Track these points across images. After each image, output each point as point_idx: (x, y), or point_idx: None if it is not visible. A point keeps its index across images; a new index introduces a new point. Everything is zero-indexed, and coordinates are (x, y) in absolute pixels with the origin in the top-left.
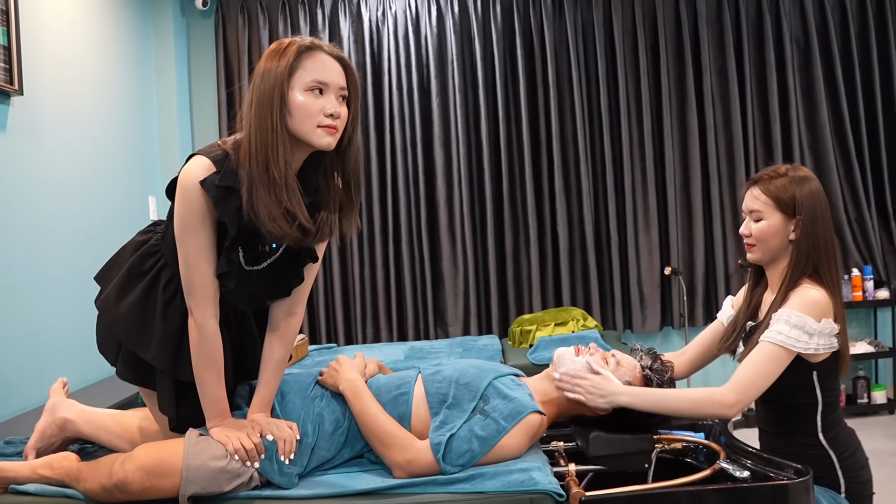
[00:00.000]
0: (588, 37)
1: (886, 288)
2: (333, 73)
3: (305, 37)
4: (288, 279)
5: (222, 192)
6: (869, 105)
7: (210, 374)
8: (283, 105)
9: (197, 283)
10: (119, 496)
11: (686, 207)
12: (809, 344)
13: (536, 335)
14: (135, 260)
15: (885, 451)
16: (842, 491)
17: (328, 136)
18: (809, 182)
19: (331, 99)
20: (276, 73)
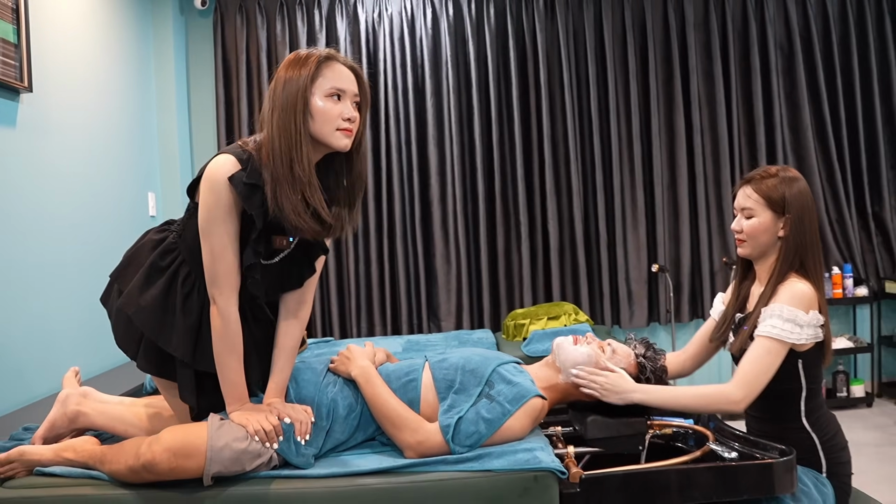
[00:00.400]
0: (579, 40)
1: (865, 285)
2: (349, 81)
3: (322, 48)
4: (301, 271)
5: (249, 189)
6: (849, 109)
7: (231, 359)
8: (306, 109)
9: (221, 273)
10: (146, 476)
11: (673, 206)
12: (801, 335)
13: (530, 328)
14: (155, 257)
15: (864, 441)
16: (823, 471)
17: (345, 138)
18: (798, 182)
19: (347, 105)
20: (298, 80)
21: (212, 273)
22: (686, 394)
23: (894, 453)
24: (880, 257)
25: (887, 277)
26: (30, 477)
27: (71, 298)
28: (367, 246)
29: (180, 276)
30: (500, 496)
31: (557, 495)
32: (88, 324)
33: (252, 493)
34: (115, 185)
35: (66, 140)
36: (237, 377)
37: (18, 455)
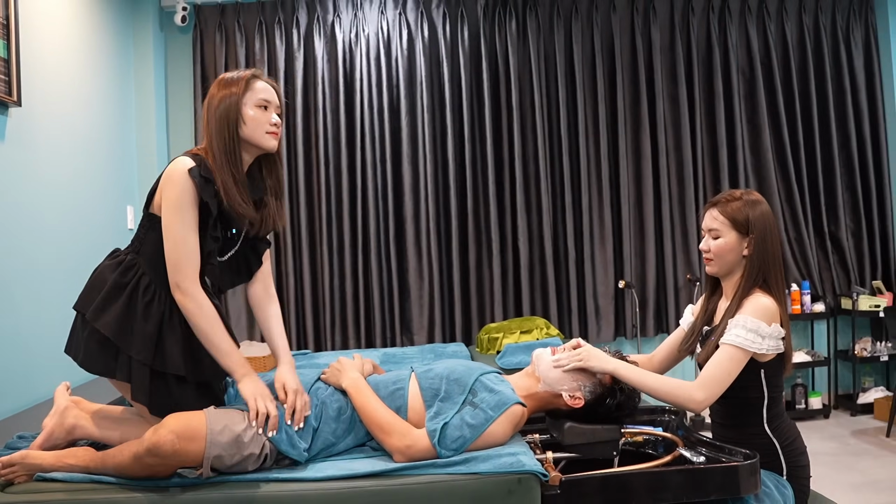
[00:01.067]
0: (550, 63)
1: (822, 302)
2: (273, 95)
3: (246, 70)
4: (249, 265)
5: (204, 180)
6: (807, 133)
7: (216, 331)
8: (239, 118)
9: (184, 256)
10: (149, 461)
11: (639, 225)
12: (762, 345)
13: (503, 342)
14: (117, 275)
15: (822, 451)
16: (783, 474)
17: (273, 139)
18: (760, 205)
19: (272, 113)
20: (231, 94)
21: (175, 260)
22: (655, 379)
23: (850, 462)
24: (836, 275)
25: (843, 294)
26: (31, 483)
27: (54, 308)
28: (342, 261)
29: (141, 287)
30: (486, 497)
31: (539, 496)
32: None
33: (248, 495)
34: (95, 198)
35: (50, 153)
36: (230, 345)
37: (21, 458)
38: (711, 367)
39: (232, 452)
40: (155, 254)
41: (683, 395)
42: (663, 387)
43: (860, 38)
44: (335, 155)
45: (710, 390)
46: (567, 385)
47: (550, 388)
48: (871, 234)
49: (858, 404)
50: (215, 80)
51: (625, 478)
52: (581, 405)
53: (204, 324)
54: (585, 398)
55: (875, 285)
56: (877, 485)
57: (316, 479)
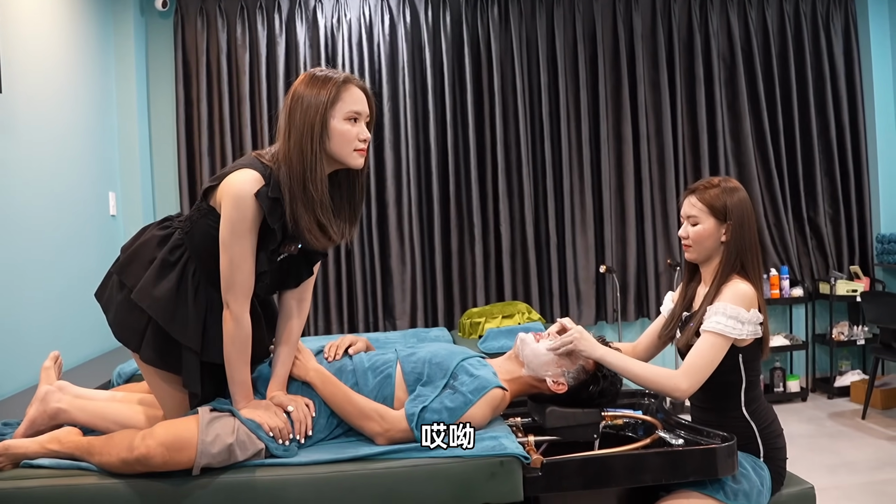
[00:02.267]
0: (532, 48)
1: (800, 287)
2: (364, 103)
3: (339, 71)
4: (299, 272)
5: (272, 203)
6: (787, 119)
7: (241, 360)
8: (324, 131)
9: (239, 281)
10: (138, 469)
11: (620, 210)
12: (742, 331)
13: (485, 327)
14: (165, 252)
15: (799, 433)
16: (761, 456)
17: (361, 157)
18: (738, 192)
19: (362, 126)
20: (317, 102)
21: (229, 281)
22: (641, 366)
23: (826, 443)
24: (815, 260)
25: (821, 279)
26: (18, 469)
27: (36, 296)
28: None
29: (189, 271)
30: (468, 480)
31: (521, 479)
32: (53, 320)
33: (237, 481)
34: (77, 185)
35: (31, 140)
36: (245, 377)
37: (3, 449)
38: (694, 356)
39: (221, 460)
40: (203, 244)
41: (669, 384)
42: (648, 375)
43: (840, 25)
44: None
45: (694, 378)
46: (551, 371)
47: (534, 372)
48: (849, 220)
49: (835, 387)
50: (303, 74)
51: (605, 460)
52: (564, 391)
53: (234, 350)
54: (569, 384)
55: (852, 270)
56: (852, 465)
57: (301, 464)
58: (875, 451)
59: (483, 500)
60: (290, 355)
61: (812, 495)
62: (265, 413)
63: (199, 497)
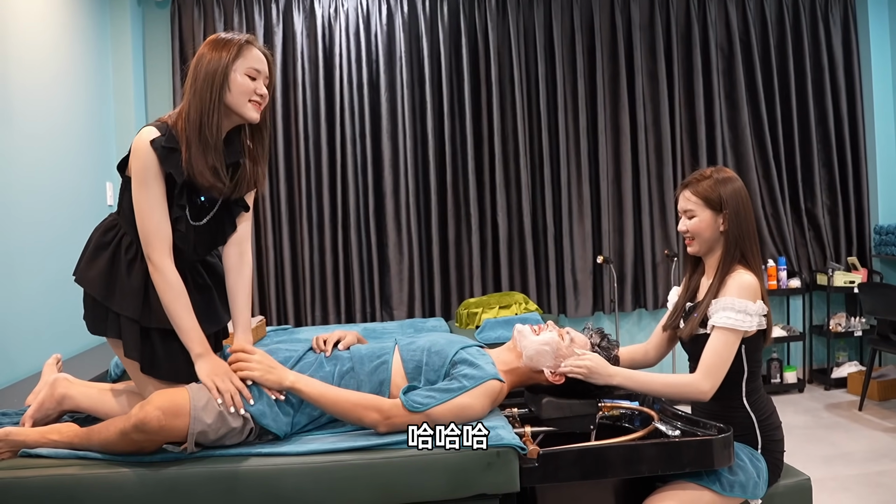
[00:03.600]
0: (529, 38)
1: (798, 278)
2: (264, 64)
3: (241, 33)
4: (224, 229)
5: (167, 151)
6: (785, 109)
7: (179, 306)
8: (225, 82)
9: (152, 230)
10: (136, 438)
11: (617, 200)
12: (751, 323)
13: (482, 317)
14: (99, 234)
15: (795, 424)
16: (758, 447)
17: (255, 111)
18: (732, 182)
19: (260, 83)
20: (221, 56)
21: (144, 232)
22: (661, 382)
23: (822, 435)
24: (812, 251)
25: (818, 270)
26: (16, 458)
27: (33, 286)
28: (322, 236)
29: (123, 246)
30: (465, 470)
31: (518, 469)
32: (50, 311)
33: (234, 470)
34: (74, 175)
35: (28, 130)
36: (191, 323)
37: (4, 435)
38: (710, 354)
39: (215, 427)
40: (131, 212)
41: (691, 390)
42: (669, 387)
43: (838, 15)
44: (314, 130)
45: (714, 377)
46: (549, 363)
47: (532, 364)
48: (847, 211)
49: (832, 378)
50: (208, 38)
51: (601, 451)
52: (562, 382)
53: (168, 298)
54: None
55: (850, 261)
56: (848, 457)
57: (298, 454)
58: (871, 443)
59: (479, 490)
60: (246, 303)
61: (808, 487)
62: (217, 377)
63: (197, 487)
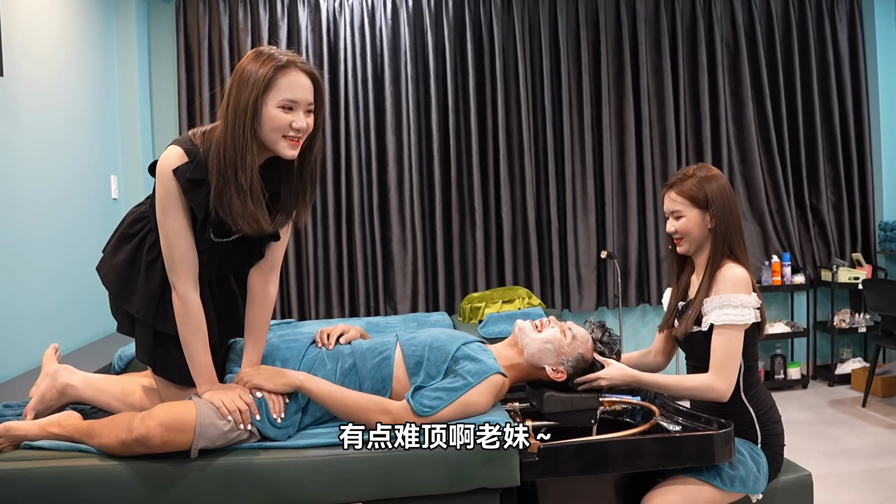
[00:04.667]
0: (534, 34)
1: (802, 273)
2: (304, 90)
3: (283, 51)
4: (251, 254)
5: (191, 183)
6: (790, 105)
7: (195, 340)
8: (255, 117)
9: (177, 259)
10: (137, 450)
11: (622, 196)
12: (750, 316)
13: (485, 312)
14: (126, 226)
15: (799, 420)
16: (758, 442)
17: (291, 149)
18: (717, 179)
19: (299, 115)
20: (252, 83)
21: (169, 260)
22: (675, 383)
23: (825, 431)
24: (817, 247)
25: (823, 266)
26: (18, 451)
27: (37, 278)
28: (326, 230)
29: (146, 244)
30: (465, 464)
31: (518, 464)
32: (55, 303)
33: (235, 464)
34: (79, 168)
35: (33, 123)
36: (204, 358)
37: (4, 431)
38: (718, 355)
39: (220, 443)
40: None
41: (709, 393)
42: (683, 387)
43: (844, 11)
44: None
45: (728, 376)
46: (551, 360)
47: (533, 361)
48: (852, 207)
49: (836, 375)
50: (251, 51)
51: (602, 445)
52: (563, 378)
53: (186, 330)
54: (567, 372)
55: (855, 258)
56: (850, 453)
57: (299, 447)
58: (875, 439)
59: (480, 484)
60: (260, 339)
61: (809, 482)
62: (224, 395)
63: (197, 480)
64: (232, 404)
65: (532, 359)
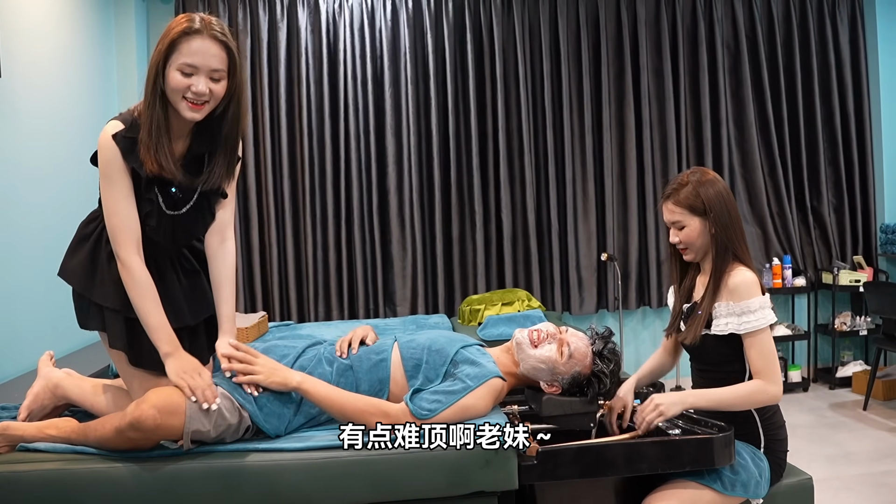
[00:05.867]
0: (534, 35)
1: (803, 276)
2: (206, 56)
3: (207, 17)
4: (204, 218)
5: (129, 143)
6: (791, 107)
7: (146, 303)
8: (157, 78)
9: (119, 226)
10: (132, 436)
11: (622, 198)
12: (770, 315)
13: (485, 314)
14: (80, 228)
15: (800, 423)
16: (761, 447)
17: (191, 111)
18: (713, 183)
19: (199, 79)
20: (160, 45)
21: (111, 228)
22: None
23: (826, 434)
24: (818, 250)
25: (824, 269)
26: (14, 453)
27: (34, 281)
28: (325, 232)
29: (104, 238)
30: (463, 467)
31: (516, 467)
32: (52, 306)
33: (233, 466)
34: (77, 170)
35: (32, 125)
36: (159, 320)
37: (2, 430)
38: (759, 360)
39: (211, 426)
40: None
41: (764, 395)
42: (740, 398)
43: (846, 12)
44: (318, 126)
45: (776, 378)
46: (546, 378)
47: (529, 376)
48: (853, 210)
49: (837, 378)
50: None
51: (600, 449)
52: (558, 392)
53: (135, 294)
54: (563, 387)
55: (856, 260)
56: (851, 457)
57: (295, 450)
58: (875, 443)
59: (478, 487)
60: (230, 293)
61: (810, 486)
62: (186, 374)
63: (195, 482)
64: (194, 381)
65: (527, 373)
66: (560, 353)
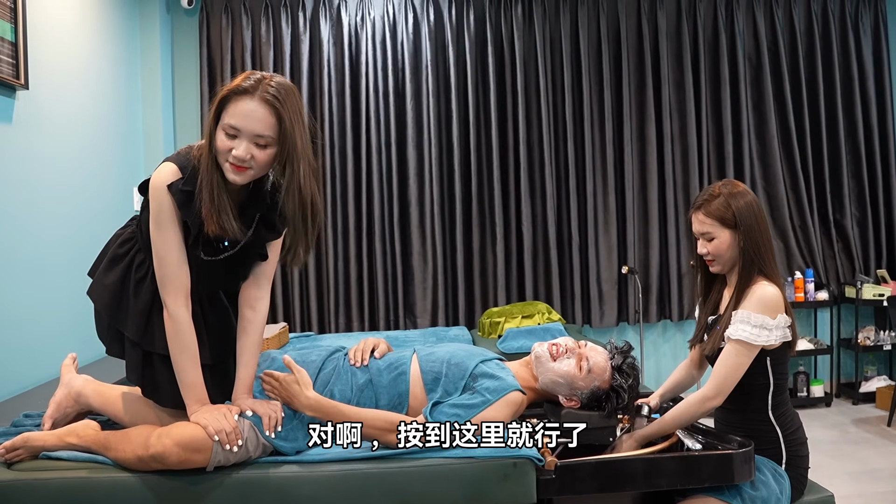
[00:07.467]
0: (555, 48)
1: (826, 290)
2: (251, 120)
3: (265, 76)
4: (236, 274)
5: (185, 196)
6: (814, 120)
7: (185, 360)
8: (211, 138)
9: (168, 275)
10: (153, 466)
11: (643, 211)
12: (770, 337)
13: (505, 326)
14: (115, 247)
15: (822, 439)
16: (783, 462)
17: (234, 173)
18: (744, 195)
19: (241, 143)
20: (212, 104)
21: (160, 276)
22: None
23: (849, 450)
24: (840, 263)
25: (847, 282)
26: (36, 461)
27: (59, 289)
28: (347, 244)
29: (135, 263)
30: (481, 481)
31: (534, 481)
32: (76, 314)
33: (250, 478)
34: (101, 181)
35: (57, 136)
36: (194, 379)
37: (23, 441)
38: (719, 365)
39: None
40: (148, 234)
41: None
42: (690, 412)
43: (869, 24)
44: (340, 138)
45: (719, 386)
46: (564, 393)
47: (548, 391)
48: (877, 223)
49: (860, 393)
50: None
51: (619, 463)
52: (577, 406)
53: (175, 347)
54: (581, 402)
55: (879, 274)
56: (875, 473)
57: (313, 462)
58: None
59: (496, 501)
60: (252, 358)
61: (832, 503)
62: (210, 416)
63: (213, 494)
64: (217, 425)
65: (546, 388)
66: (579, 368)
